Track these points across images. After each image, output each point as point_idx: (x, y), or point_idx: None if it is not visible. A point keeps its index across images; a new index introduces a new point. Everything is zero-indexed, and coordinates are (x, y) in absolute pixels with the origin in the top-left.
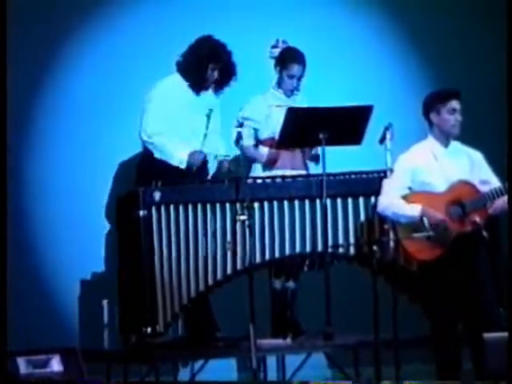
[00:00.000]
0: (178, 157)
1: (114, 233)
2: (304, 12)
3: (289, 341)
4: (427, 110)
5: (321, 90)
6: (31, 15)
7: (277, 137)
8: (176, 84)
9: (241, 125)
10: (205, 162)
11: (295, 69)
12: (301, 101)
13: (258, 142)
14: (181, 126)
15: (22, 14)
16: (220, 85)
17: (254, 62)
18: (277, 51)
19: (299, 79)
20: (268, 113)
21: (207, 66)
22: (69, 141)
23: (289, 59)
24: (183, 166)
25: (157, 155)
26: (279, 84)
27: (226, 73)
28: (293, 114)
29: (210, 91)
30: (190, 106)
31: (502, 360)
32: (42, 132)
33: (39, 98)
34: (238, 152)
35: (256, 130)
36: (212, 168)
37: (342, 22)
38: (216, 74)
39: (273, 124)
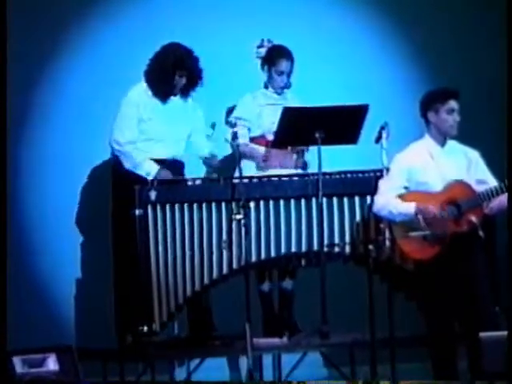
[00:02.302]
0: (146, 168)
1: (110, 232)
2: (298, 10)
3: (285, 340)
4: (425, 108)
5: (316, 89)
6: (30, 14)
7: (269, 136)
8: (142, 92)
9: (234, 125)
10: (181, 166)
11: (284, 64)
12: (291, 98)
13: (250, 141)
14: (152, 134)
15: (21, 13)
16: (186, 90)
17: (244, 62)
18: (263, 51)
19: (288, 75)
20: (259, 112)
21: (174, 74)
22: (66, 139)
23: (277, 56)
24: (150, 177)
25: (126, 165)
26: (269, 82)
27: (193, 79)
28: (289, 114)
29: (178, 97)
30: (155, 112)
31: (497, 359)
32: (40, 131)
33: (37, 98)
34: (223, 152)
35: (249, 130)
36: (191, 170)
37: (338, 20)
38: (184, 80)
39: (264, 123)
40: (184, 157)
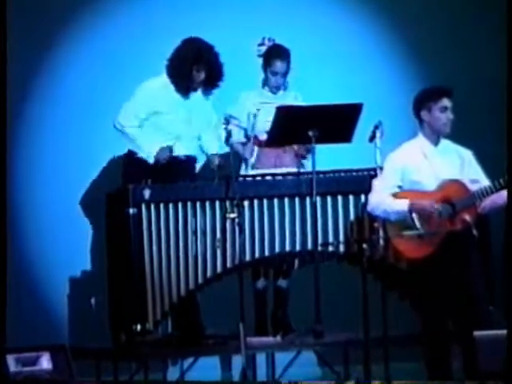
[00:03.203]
0: (147, 150)
1: (104, 230)
2: (296, 9)
3: (279, 339)
4: (418, 107)
5: (311, 88)
6: (30, 9)
7: (261, 136)
8: (163, 85)
9: (227, 122)
10: (193, 162)
11: (278, 65)
12: (294, 97)
13: (246, 140)
14: (170, 129)
15: (20, 9)
16: (208, 86)
17: (245, 60)
18: (263, 49)
19: (284, 76)
20: (253, 111)
21: (191, 68)
22: (65, 138)
23: (272, 56)
24: (151, 160)
25: (128, 146)
26: (265, 82)
27: (213, 74)
28: (282, 113)
29: (199, 92)
30: (174, 106)
31: (492, 358)
32: (38, 128)
33: (36, 94)
34: (227, 149)
35: (243, 128)
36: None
37: (333, 19)
38: (202, 75)
39: (259, 122)
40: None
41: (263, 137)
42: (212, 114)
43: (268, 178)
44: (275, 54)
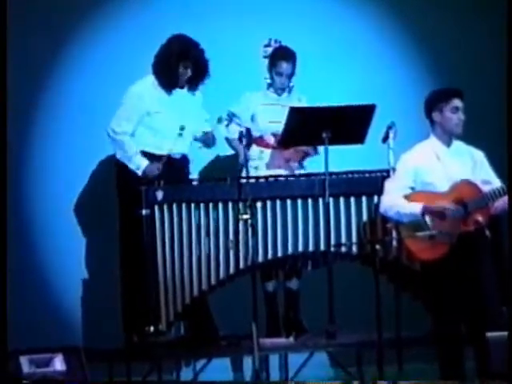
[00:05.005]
0: (136, 162)
1: (117, 232)
2: (307, 10)
3: (291, 340)
4: (429, 109)
5: (323, 90)
6: (31, 16)
7: (267, 136)
8: (149, 84)
9: (230, 120)
10: (186, 163)
11: (283, 66)
12: (298, 99)
13: (251, 141)
14: (155, 124)
15: (22, 14)
16: (194, 83)
17: (251, 61)
18: (269, 50)
19: (289, 78)
20: (256, 112)
21: (178, 64)
22: (69, 139)
23: (277, 57)
24: (139, 172)
25: (118, 155)
26: (271, 83)
27: (199, 70)
28: (296, 113)
29: (185, 90)
30: (163, 104)
31: (504, 359)
32: (41, 131)
33: (39, 99)
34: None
35: (245, 128)
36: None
37: (345, 21)
38: (189, 71)
39: (261, 123)
40: (190, 153)
41: (269, 137)
42: (202, 111)
43: (281, 179)
44: (281, 56)
